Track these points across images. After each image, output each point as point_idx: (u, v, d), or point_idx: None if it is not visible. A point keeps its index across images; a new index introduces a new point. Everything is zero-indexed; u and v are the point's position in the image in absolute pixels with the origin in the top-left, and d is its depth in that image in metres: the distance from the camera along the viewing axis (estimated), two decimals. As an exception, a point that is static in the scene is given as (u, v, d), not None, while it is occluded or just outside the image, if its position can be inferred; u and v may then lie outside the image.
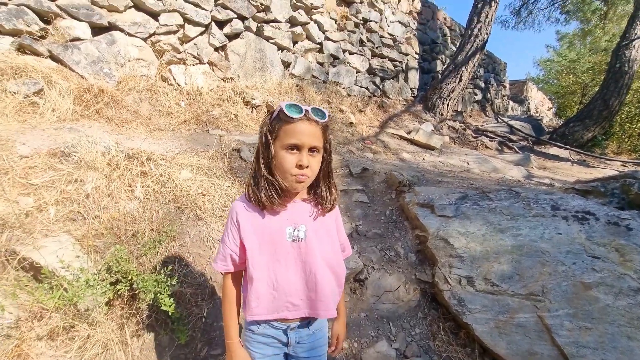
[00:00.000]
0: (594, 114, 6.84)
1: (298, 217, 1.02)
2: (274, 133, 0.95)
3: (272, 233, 0.99)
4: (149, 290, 1.38)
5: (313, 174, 0.96)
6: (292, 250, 1.00)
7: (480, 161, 4.35)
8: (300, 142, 0.90)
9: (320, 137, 0.95)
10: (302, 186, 0.97)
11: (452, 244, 2.21)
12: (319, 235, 1.04)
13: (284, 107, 0.90)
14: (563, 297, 1.77)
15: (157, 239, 1.77)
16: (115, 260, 1.45)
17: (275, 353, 1.12)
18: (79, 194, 1.92)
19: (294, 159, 0.92)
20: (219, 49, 3.99)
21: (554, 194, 2.33)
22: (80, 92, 2.91)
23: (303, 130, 0.91)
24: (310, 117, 0.92)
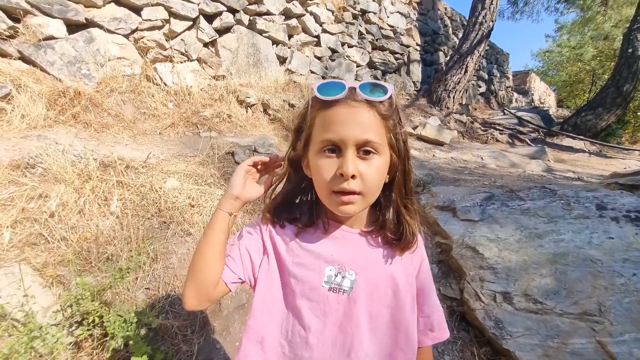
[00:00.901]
0: (607, 101, 6.52)
1: (348, 256, 0.67)
2: (304, 132, 0.66)
3: (304, 266, 0.67)
4: (115, 334, 1.08)
5: (369, 188, 0.60)
6: (327, 303, 0.65)
7: (496, 155, 4.05)
8: (339, 137, 0.58)
9: (380, 127, 0.60)
10: (353, 209, 0.61)
11: (482, 253, 1.90)
12: (376, 291, 0.67)
13: (316, 87, 0.60)
14: (627, 317, 1.46)
15: (135, 262, 1.47)
16: (74, 298, 1.15)
17: None
18: (42, 213, 1.62)
19: (331, 165, 0.59)
20: (209, 45, 3.69)
21: (597, 191, 2.02)
22: (54, 95, 2.61)
23: (344, 118, 0.58)
24: (358, 97, 0.59)
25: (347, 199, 0.60)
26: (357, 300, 0.66)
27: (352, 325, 0.65)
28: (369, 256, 0.68)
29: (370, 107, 0.59)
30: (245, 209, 2.24)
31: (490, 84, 9.38)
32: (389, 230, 0.68)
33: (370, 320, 0.67)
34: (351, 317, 0.65)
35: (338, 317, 0.65)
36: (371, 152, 0.59)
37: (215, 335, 1.68)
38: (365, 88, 0.59)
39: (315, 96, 0.61)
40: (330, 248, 0.68)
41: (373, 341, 0.67)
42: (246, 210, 2.24)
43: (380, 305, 0.68)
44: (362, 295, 0.66)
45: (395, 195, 0.68)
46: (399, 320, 0.68)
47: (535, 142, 5.98)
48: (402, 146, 0.64)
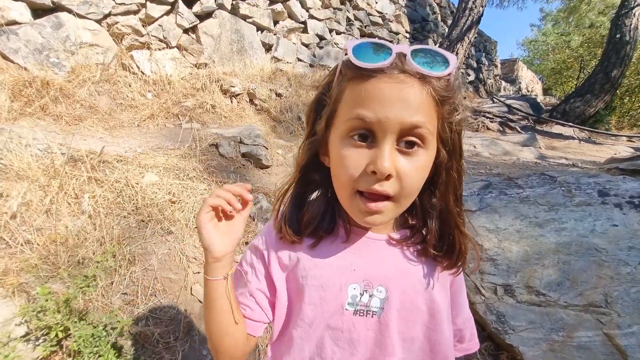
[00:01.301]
0: (596, 88, 6.53)
1: (376, 269, 0.55)
2: (326, 108, 0.50)
3: (322, 287, 0.54)
4: (82, 352, 0.95)
5: (406, 192, 0.46)
6: (353, 330, 0.54)
7: (488, 144, 3.98)
8: (376, 118, 0.43)
9: (431, 110, 0.45)
10: (380, 220, 0.49)
11: (481, 244, 1.82)
12: (410, 312, 0.55)
13: (351, 48, 0.44)
14: (635, 307, 1.40)
15: (107, 266, 1.33)
16: (33, 311, 1.01)
17: None
18: (2, 214, 1.46)
19: (362, 157, 0.45)
20: (189, 31, 3.48)
21: (599, 177, 1.95)
22: (19, 85, 2.40)
23: (384, 95, 0.42)
24: (408, 67, 0.43)
25: (375, 207, 0.46)
26: (389, 322, 0.54)
27: (386, 352, 0.54)
28: (402, 269, 0.56)
29: (424, 84, 0.43)
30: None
31: (479, 72, 9.33)
32: (431, 242, 0.55)
33: (404, 343, 0.55)
34: (384, 345, 0.54)
35: (368, 345, 0.54)
36: (416, 145, 0.45)
37: (201, 341, 1.56)
38: (421, 56, 0.43)
39: (348, 61, 0.45)
40: (353, 261, 0.55)
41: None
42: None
43: (415, 326, 0.56)
44: (394, 315, 0.54)
45: (442, 200, 0.54)
46: (436, 341, 0.57)
47: (526, 129, 5.96)
48: (456, 139, 0.50)
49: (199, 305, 1.65)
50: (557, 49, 12.02)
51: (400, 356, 0.55)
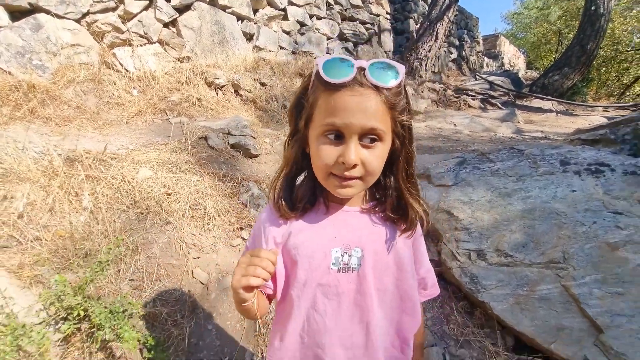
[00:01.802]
0: (572, 60, 6.71)
1: (352, 235, 0.68)
2: (305, 110, 0.62)
3: (312, 254, 0.67)
4: (102, 325, 1.09)
5: (370, 174, 0.61)
6: (339, 285, 0.68)
7: (468, 121, 4.14)
8: (344, 124, 0.56)
9: (386, 114, 0.58)
10: (351, 192, 0.62)
11: (456, 215, 1.99)
12: (382, 266, 0.69)
13: (321, 64, 0.56)
14: (588, 261, 1.59)
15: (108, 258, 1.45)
16: (54, 295, 1.14)
17: None
18: (10, 214, 1.56)
19: (334, 151, 0.58)
20: (169, 25, 3.50)
21: (561, 148, 2.12)
22: (6, 90, 2.44)
23: (348, 105, 0.55)
24: (366, 81, 0.55)
25: (346, 183, 0.60)
26: (366, 275, 0.68)
27: (366, 299, 0.68)
28: (372, 232, 0.70)
29: (378, 93, 0.56)
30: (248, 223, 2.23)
31: (461, 50, 9.41)
32: (390, 209, 0.70)
33: (379, 292, 0.69)
34: (364, 292, 0.68)
35: (351, 294, 0.68)
36: (375, 140, 0.58)
37: (205, 317, 1.71)
38: (375, 71, 0.55)
39: (319, 75, 0.56)
40: (334, 230, 0.68)
41: (382, 312, 0.71)
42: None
43: (386, 278, 0.70)
44: (369, 270, 0.68)
45: (396, 178, 0.68)
46: (403, 289, 0.72)
47: (506, 105, 6.14)
48: (406, 132, 0.63)
49: (200, 286, 1.79)
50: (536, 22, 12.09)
51: (377, 302, 0.69)
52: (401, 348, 0.74)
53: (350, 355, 0.69)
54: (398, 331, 0.73)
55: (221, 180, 2.29)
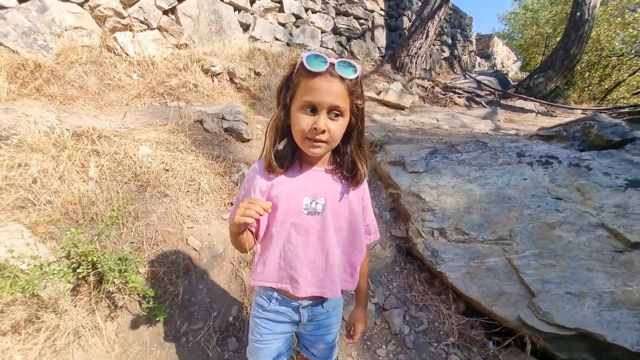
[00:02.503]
0: (557, 64, 6.97)
1: (318, 188, 0.91)
2: (290, 90, 0.83)
3: (288, 201, 0.89)
4: (112, 268, 1.30)
5: (333, 139, 0.83)
6: (307, 224, 0.91)
7: (450, 118, 4.39)
8: (317, 101, 0.78)
9: (346, 97, 0.81)
10: (319, 152, 0.84)
11: (424, 198, 2.24)
12: (338, 211, 0.93)
13: (305, 58, 0.78)
14: (529, 238, 1.85)
15: (116, 215, 1.66)
16: (72, 243, 1.35)
17: (285, 331, 1.06)
18: (25, 180, 1.76)
19: (310, 120, 0.80)
20: (169, 12, 3.64)
21: (519, 142, 2.38)
22: (14, 68, 2.60)
23: (322, 87, 0.77)
24: (335, 72, 0.78)
25: (316, 144, 0.82)
26: (327, 218, 0.91)
27: (327, 235, 0.92)
28: (332, 186, 0.93)
29: (342, 82, 0.79)
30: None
31: (453, 49, 9.63)
32: (346, 169, 0.93)
33: (336, 230, 0.94)
34: (325, 230, 0.92)
35: (316, 231, 0.91)
36: (338, 115, 0.81)
37: (197, 278, 1.94)
38: (342, 66, 0.79)
39: (302, 64, 0.78)
40: (305, 183, 0.90)
41: (338, 245, 0.96)
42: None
43: (342, 220, 0.95)
44: (330, 214, 0.91)
45: (351, 147, 0.91)
46: (353, 229, 0.97)
47: (491, 104, 6.40)
48: (360, 112, 0.87)
49: (194, 252, 2.01)
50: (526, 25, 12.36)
51: (335, 238, 0.94)
52: (351, 273, 1.02)
53: (314, 274, 0.94)
54: (349, 260, 1.00)
55: (215, 160, 2.49)
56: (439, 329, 1.90)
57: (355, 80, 0.82)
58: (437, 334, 1.88)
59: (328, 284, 0.95)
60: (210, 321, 1.81)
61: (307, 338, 1.11)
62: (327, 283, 0.95)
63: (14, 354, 1.48)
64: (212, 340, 1.74)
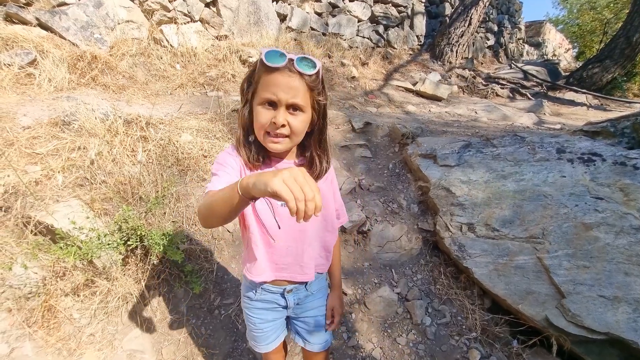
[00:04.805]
0: (616, 53, 6.37)
1: None
2: (252, 86, 0.84)
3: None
4: (157, 242, 1.46)
5: (294, 134, 0.83)
6: (280, 216, 0.93)
7: (489, 109, 4.20)
8: (277, 97, 0.77)
9: (306, 93, 0.80)
10: (280, 147, 0.84)
11: (454, 192, 2.21)
12: None
13: (264, 53, 0.77)
14: (563, 238, 1.79)
15: (162, 196, 1.82)
16: (123, 219, 1.52)
17: (275, 317, 1.10)
18: (84, 161, 1.97)
19: (269, 115, 0.80)
20: (210, 5, 3.80)
21: (560, 137, 2.26)
22: (74, 60, 2.87)
23: (280, 83, 0.77)
24: (293, 68, 0.77)
25: (276, 140, 0.82)
26: None
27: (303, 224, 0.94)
28: None
29: (301, 77, 0.78)
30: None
31: (499, 36, 9.09)
32: (310, 164, 0.94)
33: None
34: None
35: (290, 221, 0.93)
36: (297, 110, 0.81)
37: (229, 258, 2.09)
38: (302, 62, 0.78)
39: (261, 60, 0.77)
40: None
41: (313, 232, 1.01)
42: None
43: None
44: None
45: (313, 142, 0.93)
46: (326, 215, 1.04)
47: (537, 96, 6.02)
48: (321, 109, 0.87)
49: (228, 234, 2.16)
50: (583, 10, 11.27)
51: (309, 225, 0.96)
52: (326, 256, 1.08)
53: (292, 260, 0.99)
54: (322, 244, 1.06)
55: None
56: (462, 323, 1.90)
57: (315, 76, 0.81)
58: (459, 328, 1.88)
59: (298, 269, 1.00)
60: (240, 297, 1.94)
61: (299, 323, 1.15)
62: (297, 268, 1.00)
63: (74, 312, 1.71)
64: (241, 315, 1.88)
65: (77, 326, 1.68)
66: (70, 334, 1.64)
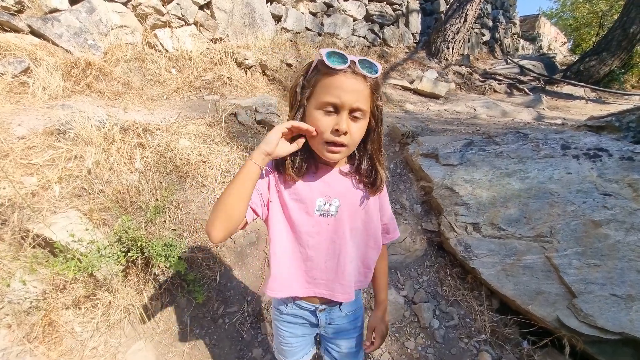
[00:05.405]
0: (612, 45, 6.36)
1: (332, 189, 0.87)
2: (307, 89, 0.78)
3: (301, 200, 0.86)
4: (159, 254, 1.42)
5: (353, 143, 0.78)
6: (319, 226, 0.87)
7: (488, 106, 4.18)
8: (340, 101, 0.73)
9: (368, 97, 0.76)
10: (338, 157, 0.79)
11: (458, 192, 2.18)
12: (354, 213, 0.90)
13: (324, 55, 0.71)
14: (572, 236, 1.76)
15: (161, 205, 1.79)
16: (123, 230, 1.48)
17: (305, 333, 1.06)
18: (81, 170, 1.93)
19: (330, 121, 0.74)
20: (204, 7, 3.75)
21: (564, 133, 2.23)
22: (68, 67, 2.82)
23: (345, 86, 0.72)
24: (357, 70, 0.73)
25: (335, 149, 0.77)
26: (341, 219, 0.88)
27: (339, 237, 0.89)
28: (349, 188, 0.89)
29: (365, 80, 0.74)
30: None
31: (494, 32, 9.07)
32: (364, 174, 0.88)
33: (351, 231, 0.90)
34: (338, 232, 0.88)
35: (328, 234, 0.88)
36: (359, 116, 0.76)
37: (232, 265, 2.05)
38: (364, 64, 0.74)
39: (322, 61, 0.72)
40: (320, 184, 0.86)
41: (353, 246, 0.92)
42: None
43: (358, 221, 0.92)
44: (345, 215, 0.88)
45: (370, 150, 0.87)
46: (370, 229, 0.95)
47: (535, 91, 6.00)
48: (379, 115, 0.82)
49: (230, 240, 2.12)
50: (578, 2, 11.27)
51: (350, 238, 0.90)
52: (365, 273, 0.99)
53: (324, 276, 0.92)
54: (363, 260, 0.97)
55: (248, 152, 2.58)
56: (471, 325, 1.87)
57: (377, 79, 0.77)
58: (468, 330, 1.85)
59: (338, 287, 0.92)
60: (244, 305, 1.91)
61: (329, 342, 1.09)
62: (337, 286, 0.92)
63: (75, 325, 1.67)
64: (246, 323, 1.84)
65: (79, 340, 1.64)
66: (72, 348, 1.60)
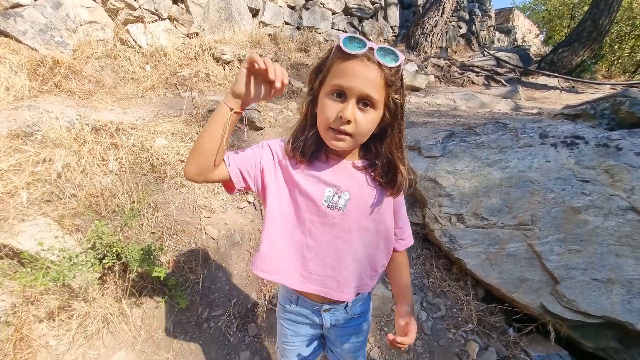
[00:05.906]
0: (583, 36, 6.56)
1: (344, 182, 0.81)
2: (321, 73, 0.74)
3: (310, 190, 0.81)
4: (136, 259, 1.35)
5: (359, 134, 0.73)
6: (325, 217, 0.81)
7: (467, 98, 4.23)
8: (347, 86, 0.68)
9: (382, 88, 0.70)
10: (342, 145, 0.74)
11: (441, 183, 2.19)
12: (365, 210, 0.83)
13: (342, 39, 0.68)
14: (552, 223, 1.79)
15: (137, 207, 1.71)
16: (97, 235, 1.40)
17: (309, 333, 1.02)
18: (50, 174, 1.82)
19: (336, 108, 0.70)
20: (178, 1, 3.62)
21: (542, 122, 2.27)
22: (34, 65, 2.66)
23: (356, 72, 0.68)
24: (373, 58, 0.68)
25: (339, 137, 0.73)
26: (350, 215, 0.82)
27: (344, 233, 0.83)
28: (362, 185, 0.83)
29: (380, 69, 0.68)
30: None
31: (471, 25, 9.21)
32: (378, 173, 0.82)
33: (360, 229, 0.84)
34: (345, 228, 0.83)
35: (334, 228, 0.82)
36: (368, 106, 0.70)
37: (216, 267, 1.99)
38: (382, 52, 0.69)
39: (339, 46, 0.69)
40: (330, 175, 0.81)
41: (360, 246, 0.86)
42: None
43: (368, 221, 0.85)
44: (354, 211, 0.82)
45: (387, 147, 0.80)
46: (381, 230, 0.88)
47: (511, 82, 6.13)
48: (397, 109, 0.75)
49: (212, 241, 2.06)
50: (549, -5, 11.62)
51: (358, 237, 0.84)
52: (371, 275, 0.92)
53: (321, 271, 0.86)
54: (371, 263, 0.90)
55: (229, 149, 2.51)
56: (457, 316, 1.89)
57: (395, 71, 0.70)
58: (455, 321, 1.87)
59: (333, 284, 0.86)
60: (230, 308, 1.86)
61: (333, 344, 1.05)
62: (332, 283, 0.86)
63: (50, 339, 1.58)
64: (232, 326, 1.80)
65: (54, 354, 1.55)
66: (47, 363, 1.52)
